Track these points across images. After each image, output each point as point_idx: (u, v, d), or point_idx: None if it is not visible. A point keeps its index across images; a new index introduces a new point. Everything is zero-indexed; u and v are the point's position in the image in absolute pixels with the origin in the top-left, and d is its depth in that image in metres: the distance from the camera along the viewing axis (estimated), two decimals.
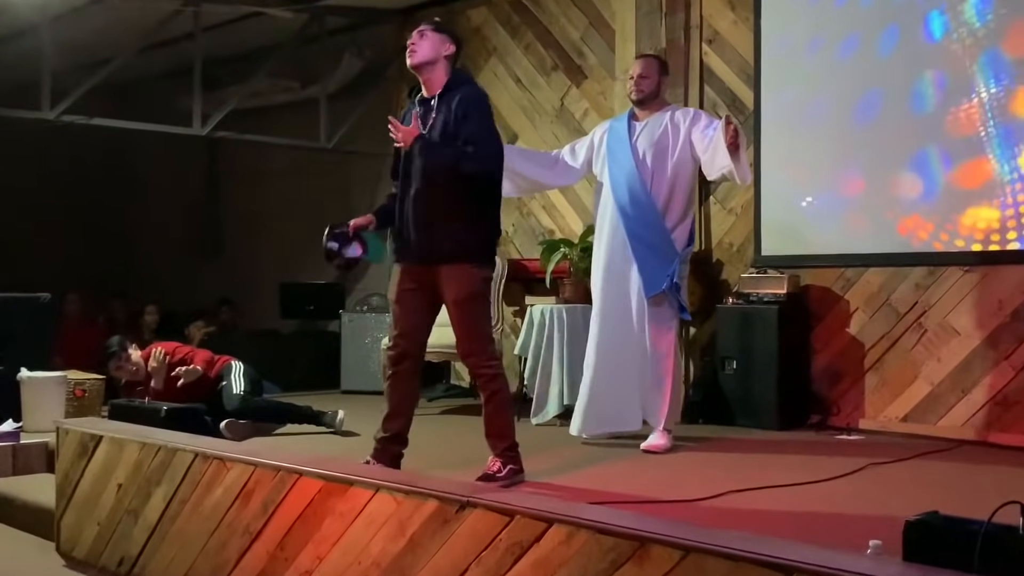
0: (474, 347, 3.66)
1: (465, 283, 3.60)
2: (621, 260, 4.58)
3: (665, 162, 4.56)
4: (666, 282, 4.50)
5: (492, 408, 3.70)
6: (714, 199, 5.79)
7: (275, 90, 8.14)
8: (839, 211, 5.29)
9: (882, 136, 5.13)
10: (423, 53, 3.70)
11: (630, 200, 4.56)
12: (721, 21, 5.78)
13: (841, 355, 5.27)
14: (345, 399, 6.73)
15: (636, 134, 4.64)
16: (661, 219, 4.53)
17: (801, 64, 5.45)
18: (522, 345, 5.53)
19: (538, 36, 6.71)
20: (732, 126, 4.24)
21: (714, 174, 4.51)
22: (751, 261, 5.57)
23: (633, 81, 4.65)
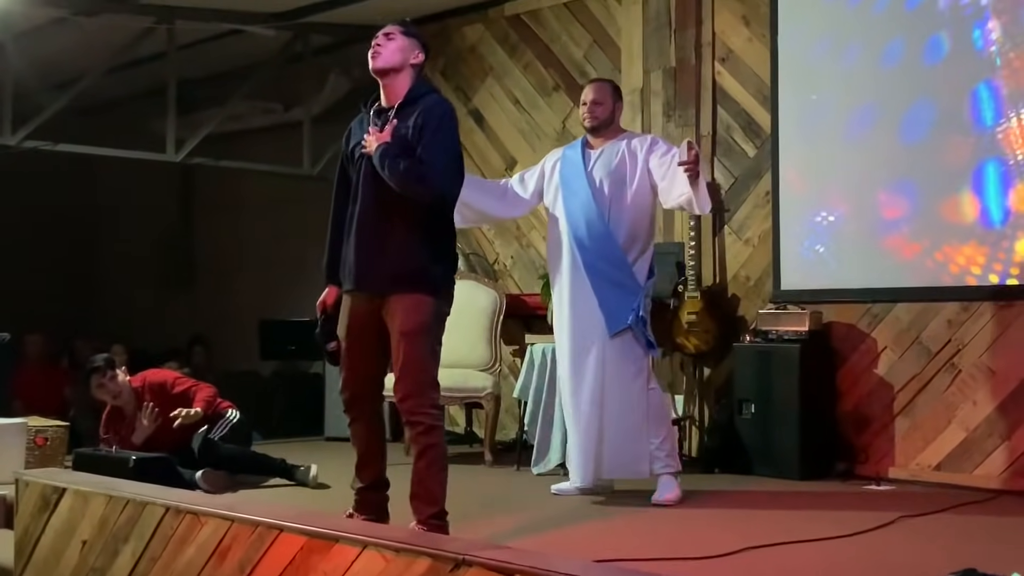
0: (414, 388, 3.48)
1: (417, 313, 3.47)
2: (581, 296, 4.56)
3: (623, 191, 4.58)
4: (631, 316, 4.49)
5: (424, 465, 3.51)
6: (729, 229, 5.82)
7: (255, 113, 8.18)
8: (864, 242, 5.31)
9: (914, 160, 5.16)
10: (388, 57, 3.60)
11: (587, 232, 4.56)
12: (735, 38, 5.84)
13: (868, 398, 5.27)
14: (329, 447, 6.71)
15: (591, 162, 4.66)
16: (621, 252, 4.53)
17: (822, 84, 5.50)
18: (522, 387, 5.52)
19: (538, 55, 6.77)
20: (693, 151, 4.28)
21: (671, 202, 4.53)
22: (769, 296, 5.58)
23: (586, 107, 4.69)
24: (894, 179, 5.23)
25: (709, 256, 5.82)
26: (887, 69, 5.26)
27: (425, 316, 3.50)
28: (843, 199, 5.40)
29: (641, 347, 4.56)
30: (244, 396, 5.93)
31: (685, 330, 5.66)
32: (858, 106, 5.36)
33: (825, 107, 5.48)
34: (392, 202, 3.50)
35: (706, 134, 5.86)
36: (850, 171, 5.38)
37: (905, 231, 5.18)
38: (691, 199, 4.35)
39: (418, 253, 3.51)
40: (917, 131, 5.15)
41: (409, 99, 3.61)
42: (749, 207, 5.75)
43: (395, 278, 3.50)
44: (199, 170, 8.18)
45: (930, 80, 5.11)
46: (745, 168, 5.77)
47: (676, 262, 5.79)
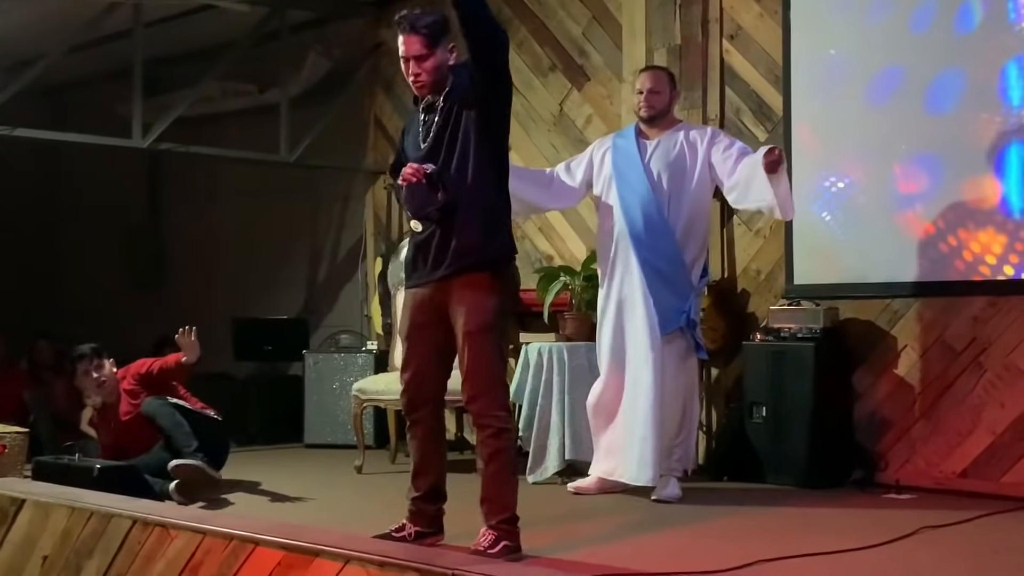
0: (481, 390, 3.61)
1: (480, 314, 3.59)
2: (632, 292, 4.69)
3: (683, 186, 4.69)
4: (682, 319, 4.63)
5: (495, 469, 3.63)
6: (738, 219, 5.82)
7: (228, 95, 8.17)
8: (883, 234, 5.32)
9: (938, 149, 5.17)
10: (434, 83, 3.71)
11: (645, 227, 4.68)
12: (745, 14, 5.84)
13: (888, 400, 5.28)
14: (309, 454, 6.72)
15: (648, 153, 4.77)
16: (679, 249, 4.67)
17: (838, 64, 5.50)
18: (516, 390, 5.53)
19: (533, 32, 6.76)
20: (777, 150, 4.39)
21: (746, 204, 4.66)
22: (782, 291, 5.59)
23: (643, 96, 4.79)
24: (905, 173, 5.24)
25: (717, 249, 5.81)
26: (916, 35, 5.26)
27: (488, 315, 3.59)
28: (861, 188, 5.40)
29: (690, 349, 4.76)
30: (217, 400, 5.93)
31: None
32: (876, 88, 5.36)
33: (840, 89, 5.48)
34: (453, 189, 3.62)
35: (713, 117, 5.86)
36: (867, 158, 5.38)
37: (920, 210, 5.19)
38: (773, 205, 4.49)
39: (479, 224, 3.62)
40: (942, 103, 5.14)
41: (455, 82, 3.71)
42: None
43: (454, 259, 3.61)
44: (167, 157, 8.16)
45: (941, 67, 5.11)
46: None
47: None
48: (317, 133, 7.36)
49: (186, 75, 7.65)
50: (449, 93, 3.71)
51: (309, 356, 7.11)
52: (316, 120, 7.41)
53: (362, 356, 6.98)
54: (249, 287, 8.50)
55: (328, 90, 7.69)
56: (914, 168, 5.24)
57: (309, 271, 8.40)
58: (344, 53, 7.80)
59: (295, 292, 8.35)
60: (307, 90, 7.75)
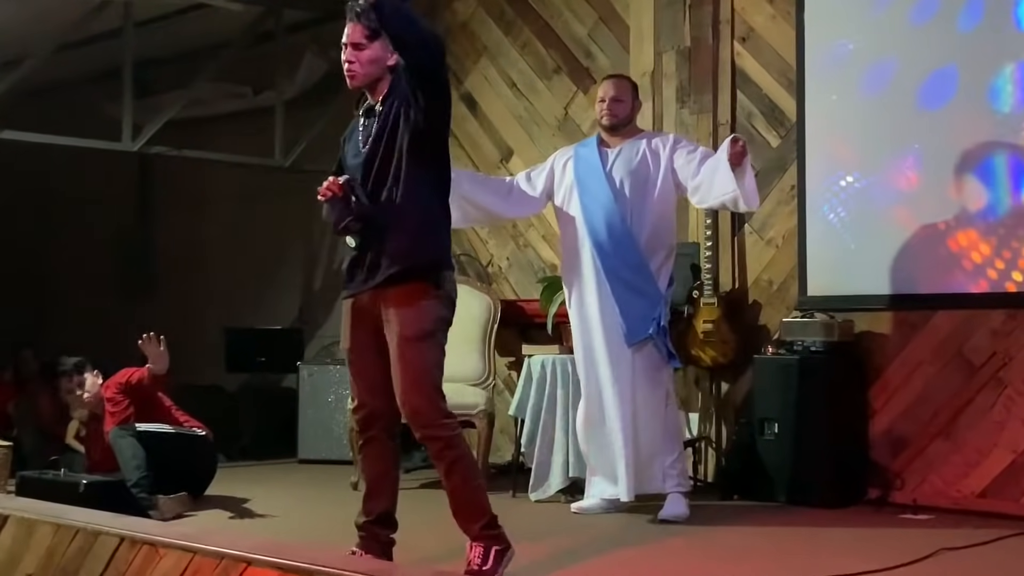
0: (422, 402, 3.54)
1: (416, 320, 3.55)
2: (598, 303, 4.82)
3: (646, 193, 4.82)
4: (652, 327, 4.73)
5: (458, 481, 3.58)
6: (749, 228, 5.82)
7: (221, 97, 8.16)
8: (900, 243, 5.32)
9: (960, 152, 5.15)
10: (365, 75, 3.67)
11: (608, 236, 4.80)
12: (757, 15, 5.85)
13: (905, 417, 5.27)
14: (303, 470, 6.70)
15: (610, 162, 4.90)
16: (644, 257, 4.78)
17: (854, 67, 5.50)
18: (518, 404, 5.52)
19: (537, 33, 6.78)
20: (740, 142, 4.49)
21: (712, 199, 4.71)
22: (794, 303, 5.59)
23: (605, 104, 4.92)
24: (924, 181, 5.24)
25: (727, 258, 5.82)
26: (914, 61, 5.27)
27: (426, 322, 3.56)
28: (877, 196, 5.40)
29: (661, 358, 4.81)
30: (208, 413, 5.93)
31: (701, 341, 5.67)
32: (894, 93, 5.37)
33: (856, 94, 5.48)
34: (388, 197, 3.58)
35: (724, 122, 5.87)
36: (883, 164, 5.38)
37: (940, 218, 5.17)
38: (736, 196, 4.55)
39: (416, 232, 3.57)
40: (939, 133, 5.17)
41: (395, 85, 3.68)
42: (772, 203, 5.75)
43: (389, 267, 3.57)
44: (158, 160, 8.16)
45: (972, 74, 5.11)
46: (768, 160, 5.78)
47: (691, 265, 5.79)
48: (313, 137, 7.37)
49: (178, 76, 7.65)
50: (387, 96, 3.68)
51: (304, 368, 7.10)
52: (312, 123, 7.41)
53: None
54: (242, 296, 8.50)
55: (325, 92, 7.67)
56: (935, 172, 5.24)
57: (304, 279, 8.39)
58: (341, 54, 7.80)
59: (289, 301, 8.34)
60: (303, 92, 7.74)
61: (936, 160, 5.23)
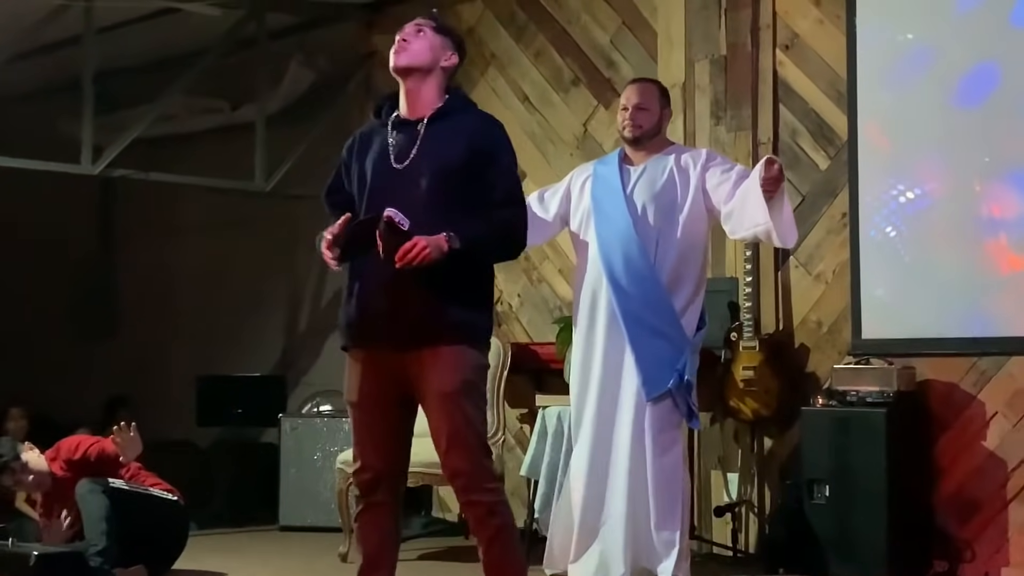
0: (467, 462, 3.57)
1: (459, 369, 3.57)
2: (613, 349, 4.64)
3: (672, 220, 4.65)
4: (673, 379, 4.55)
5: (499, 552, 3.60)
6: (795, 261, 5.79)
7: (194, 112, 8.20)
8: (970, 278, 5.30)
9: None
10: (417, 54, 3.66)
11: (626, 270, 4.63)
12: (802, 19, 5.85)
13: (975, 478, 5.22)
14: (285, 538, 6.66)
15: (631, 182, 4.74)
16: (667, 296, 4.61)
17: (916, 75, 5.50)
18: (531, 463, 5.49)
19: (553, 39, 6.79)
20: (776, 165, 4.30)
21: (743, 231, 4.56)
22: (847, 347, 5.56)
23: (627, 114, 4.76)
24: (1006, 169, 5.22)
25: (770, 295, 5.80)
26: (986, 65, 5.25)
27: (468, 371, 3.59)
28: (942, 223, 5.38)
29: (680, 416, 4.63)
30: (177, 473, 5.89)
31: (740, 390, 5.63)
32: (965, 107, 5.36)
33: (920, 107, 5.47)
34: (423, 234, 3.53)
35: (765, 141, 5.86)
36: (952, 188, 5.37)
37: (1013, 242, 5.17)
38: (769, 230, 4.37)
39: (458, 299, 3.59)
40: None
41: (443, 111, 3.68)
42: (821, 233, 5.74)
43: (429, 330, 3.56)
44: (122, 185, 8.18)
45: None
46: (815, 184, 5.76)
47: (728, 303, 5.77)
48: (299, 157, 7.38)
49: (145, 89, 7.67)
50: (437, 117, 3.66)
51: (286, 421, 7.07)
52: (297, 142, 7.43)
53: (348, 422, 6.89)
54: (216, 338, 8.48)
55: (312, 107, 7.71)
56: (1006, 187, 5.22)
57: (287, 320, 8.38)
58: (331, 63, 7.83)
59: (270, 344, 8.32)
60: (287, 107, 7.78)
61: (1016, 179, 5.20)
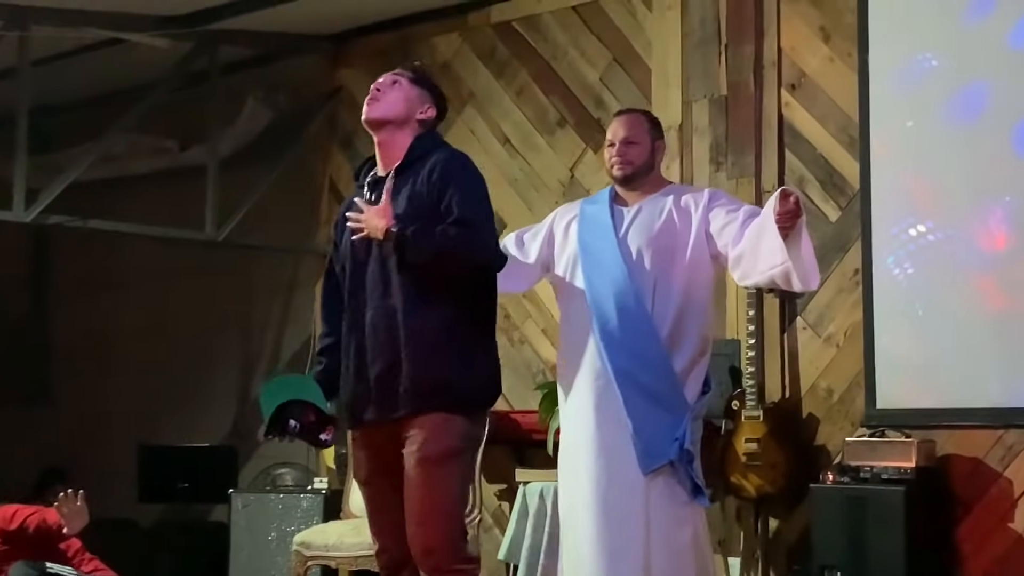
0: (441, 539, 3.65)
1: (444, 436, 3.66)
2: (604, 414, 4.52)
3: (672, 267, 4.54)
4: (674, 450, 4.44)
5: None
6: (803, 322, 5.84)
7: (139, 153, 8.20)
8: (997, 343, 5.34)
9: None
10: (389, 106, 3.84)
11: (620, 323, 4.50)
12: (810, 57, 5.93)
13: (1003, 563, 5.23)
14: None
15: (624, 224, 4.61)
16: (667, 354, 4.50)
17: (932, 117, 5.58)
18: (511, 546, 5.48)
19: (537, 76, 6.86)
20: (793, 196, 4.23)
21: (755, 277, 4.45)
22: (861, 417, 5.58)
23: (615, 149, 4.64)
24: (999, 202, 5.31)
25: (775, 359, 5.84)
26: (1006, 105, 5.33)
27: (452, 439, 3.66)
28: (963, 278, 5.44)
29: (684, 492, 4.50)
30: (116, 555, 5.87)
31: (743, 464, 5.65)
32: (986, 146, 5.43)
33: (936, 151, 5.54)
34: (416, 299, 3.70)
35: (770, 189, 5.87)
36: (975, 238, 5.43)
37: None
38: (788, 271, 4.27)
39: (447, 360, 3.69)
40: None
41: (412, 157, 3.80)
42: (831, 291, 5.78)
43: (415, 392, 3.68)
44: (58, 233, 8.18)
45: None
46: (825, 237, 5.80)
47: (729, 367, 5.80)
48: (254, 204, 7.38)
49: (85, 128, 7.70)
50: (405, 166, 3.80)
51: (237, 497, 7.05)
52: (253, 187, 7.43)
53: (307, 498, 6.92)
54: (160, 404, 8.44)
55: (270, 148, 7.72)
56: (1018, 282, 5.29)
57: (240, 383, 8.36)
58: (291, 100, 7.86)
59: (221, 411, 8.30)
60: (242, 148, 7.78)
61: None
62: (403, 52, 7.15)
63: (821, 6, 5.91)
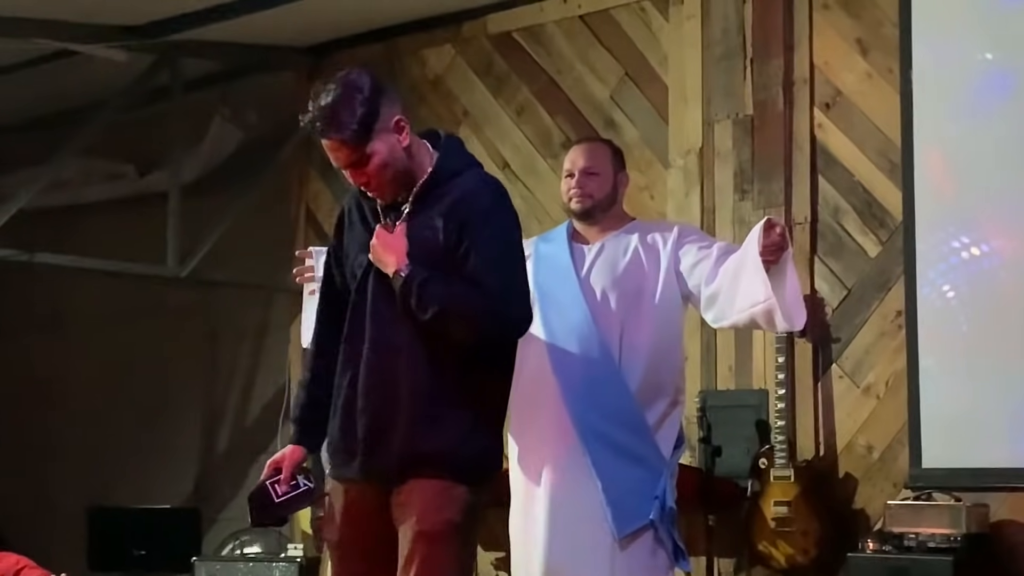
0: None
1: (443, 507, 3.64)
2: (566, 475, 4.50)
3: (640, 310, 4.55)
4: (654, 509, 4.45)
5: None
6: (839, 370, 5.82)
7: (93, 178, 8.20)
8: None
9: None
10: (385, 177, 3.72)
11: (584, 375, 4.51)
12: (846, 73, 5.93)
13: None
14: None
15: (586, 264, 4.64)
16: (638, 405, 4.52)
17: (985, 140, 5.57)
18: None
19: (540, 93, 6.87)
20: (778, 228, 4.24)
21: (732, 315, 4.42)
22: (904, 478, 5.57)
23: (573, 180, 4.67)
24: None
25: (808, 413, 5.83)
26: None
27: (453, 511, 3.63)
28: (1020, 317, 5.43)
29: (665, 555, 4.50)
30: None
31: (771, 531, 5.63)
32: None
33: (993, 174, 5.55)
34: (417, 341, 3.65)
35: (802, 220, 5.90)
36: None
37: None
38: (771, 308, 4.24)
39: (449, 422, 3.65)
40: None
41: (434, 181, 3.76)
42: (871, 336, 5.78)
43: (411, 459, 3.64)
44: (1, 269, 8.17)
45: None
46: (864, 275, 5.81)
47: (756, 421, 5.81)
48: (222, 235, 7.37)
49: (33, 150, 7.71)
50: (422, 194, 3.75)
51: (201, 565, 7.03)
52: (221, 217, 7.42)
53: (280, 567, 6.90)
54: (114, 460, 8.42)
55: (239, 173, 7.72)
56: None
57: (204, 437, 8.33)
58: (264, 120, 7.86)
59: (182, 468, 8.27)
60: (208, 173, 7.79)
61: None
62: (389, 66, 7.17)
63: (858, 16, 5.92)
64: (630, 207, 6.42)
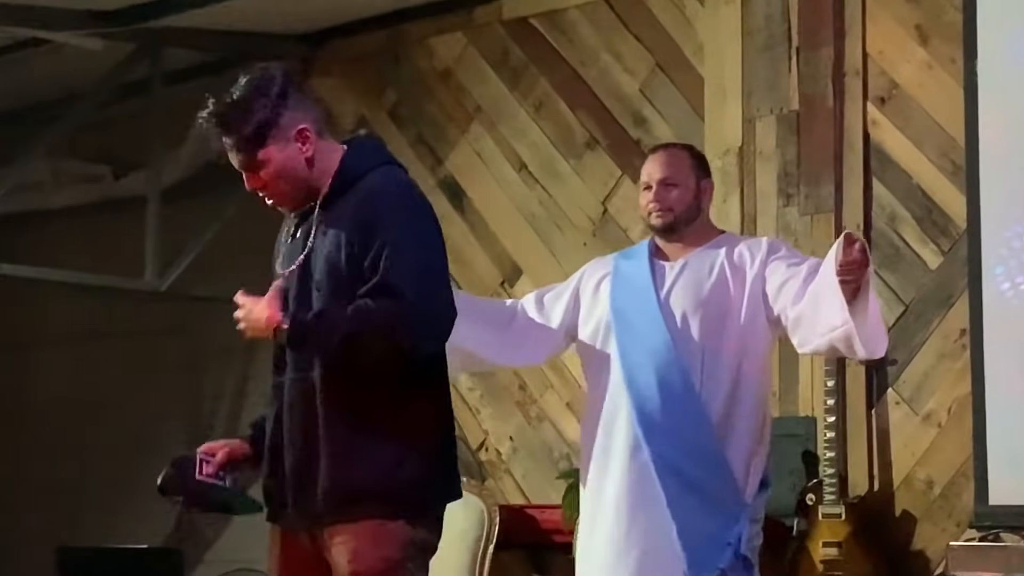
0: None
1: (379, 544, 3.66)
2: (639, 511, 4.59)
3: (724, 335, 4.63)
4: (727, 557, 4.51)
5: None
6: (895, 395, 5.81)
7: (64, 181, 8.23)
8: None
9: None
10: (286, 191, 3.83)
11: (662, 404, 4.60)
12: (903, 63, 5.93)
13: None
14: None
15: (667, 284, 4.72)
16: (718, 441, 4.58)
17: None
18: None
19: (561, 87, 6.87)
20: (858, 244, 4.28)
21: (815, 341, 4.50)
22: (969, 516, 5.55)
23: (651, 193, 4.74)
24: None
25: (861, 444, 5.82)
26: None
27: (391, 548, 3.63)
28: None
29: None
30: None
31: (820, 573, 5.62)
32: None
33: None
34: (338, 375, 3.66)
35: (855, 226, 5.88)
36: None
37: None
38: (849, 334, 4.30)
39: (374, 455, 3.65)
40: None
41: (337, 189, 3.79)
42: (931, 357, 5.77)
43: (337, 499, 3.65)
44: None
45: None
46: (923, 289, 5.81)
47: (803, 453, 5.82)
48: (205, 245, 7.38)
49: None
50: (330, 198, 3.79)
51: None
52: (204, 224, 7.44)
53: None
54: (86, 495, 8.43)
55: (224, 177, 7.68)
56: None
57: None
58: None
59: (160, 504, 8.23)
60: (191, 176, 7.80)
61: None
62: (392, 56, 7.18)
63: (918, 1, 5.91)
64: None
